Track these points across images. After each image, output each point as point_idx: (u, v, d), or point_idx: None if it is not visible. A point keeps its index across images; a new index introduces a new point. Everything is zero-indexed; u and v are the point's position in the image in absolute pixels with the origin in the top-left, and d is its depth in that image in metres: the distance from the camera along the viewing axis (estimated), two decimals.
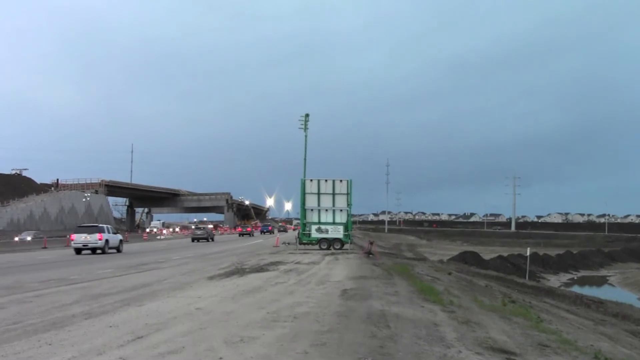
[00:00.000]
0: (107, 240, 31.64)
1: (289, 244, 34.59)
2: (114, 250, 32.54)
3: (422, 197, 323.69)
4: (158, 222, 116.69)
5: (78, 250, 31.00)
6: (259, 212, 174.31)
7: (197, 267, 21.26)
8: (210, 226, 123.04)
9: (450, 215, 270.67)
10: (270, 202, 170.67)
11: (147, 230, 73.50)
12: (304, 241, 33.17)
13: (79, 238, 31.19)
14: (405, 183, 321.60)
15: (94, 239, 31.08)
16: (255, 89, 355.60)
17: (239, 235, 75.00)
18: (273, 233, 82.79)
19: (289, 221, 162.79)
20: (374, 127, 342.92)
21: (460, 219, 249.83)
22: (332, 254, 28.13)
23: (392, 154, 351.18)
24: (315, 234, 32.77)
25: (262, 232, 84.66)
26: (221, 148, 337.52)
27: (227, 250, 36.89)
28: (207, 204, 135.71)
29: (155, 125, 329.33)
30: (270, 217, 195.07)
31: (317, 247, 32.85)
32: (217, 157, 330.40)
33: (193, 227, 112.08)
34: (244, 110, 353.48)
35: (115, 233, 34.53)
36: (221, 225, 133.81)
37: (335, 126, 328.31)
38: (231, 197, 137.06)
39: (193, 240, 55.37)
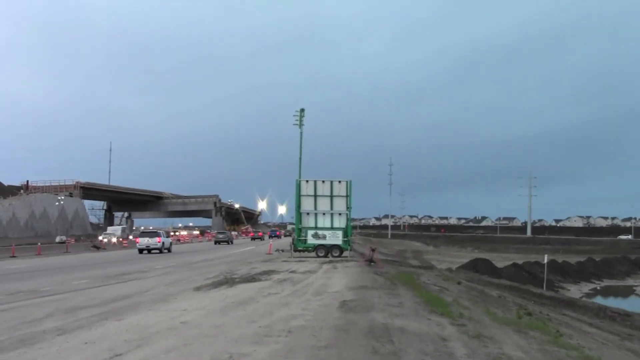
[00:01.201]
0: (163, 243, 43.43)
1: (282, 251, 34.57)
2: (167, 251, 43.93)
3: (429, 199, 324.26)
4: (119, 227, 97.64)
5: (141, 251, 42.53)
6: (250, 217, 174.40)
7: (182, 276, 21.22)
8: (196, 232, 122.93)
9: (459, 219, 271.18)
10: (262, 205, 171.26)
11: (101, 238, 69.97)
12: (300, 248, 33.14)
13: (143, 241, 43.01)
14: (410, 184, 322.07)
15: (154, 241, 43.00)
16: (246, 81, 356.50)
17: (251, 240, 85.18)
18: (263, 239, 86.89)
19: (282, 226, 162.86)
20: (375, 122, 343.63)
21: (471, 224, 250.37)
22: (330, 262, 28.11)
23: (396, 153, 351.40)
24: (311, 240, 32.74)
25: (270, 236, 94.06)
26: (209, 146, 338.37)
27: (216, 258, 36.82)
28: (194, 207, 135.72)
29: (136, 120, 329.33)
30: (262, 222, 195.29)
31: (313, 254, 32.81)
32: (204, 157, 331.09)
33: (176, 232, 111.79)
34: (234, 105, 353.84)
35: (167, 237, 47.21)
36: (209, 231, 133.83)
37: (333, 122, 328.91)
38: (219, 200, 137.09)
39: (216, 243, 68.16)
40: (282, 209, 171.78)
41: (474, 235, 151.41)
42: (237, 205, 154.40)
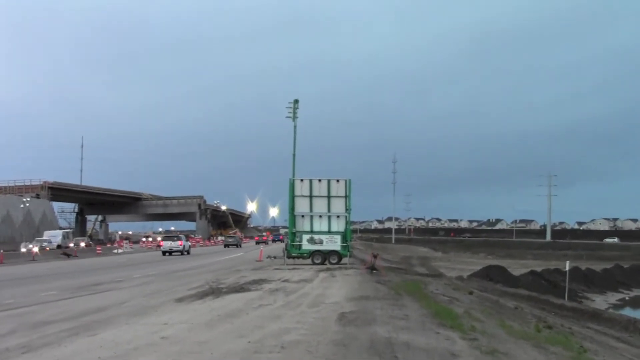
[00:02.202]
0: (184, 246, 56.24)
1: (274, 258, 34.59)
2: (187, 253, 55.91)
3: (437, 200, 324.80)
4: (58, 232, 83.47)
5: (164, 253, 54.82)
6: (239, 220, 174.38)
7: (163, 286, 21.21)
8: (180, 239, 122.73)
9: (471, 222, 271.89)
10: (252, 207, 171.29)
11: (25, 249, 57.40)
12: (294, 254, 33.14)
13: (167, 244, 56.27)
14: (416, 183, 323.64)
15: (176, 245, 55.73)
16: (233, 68, 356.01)
17: (256, 244, 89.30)
18: (267, 244, 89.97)
19: (274, 230, 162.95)
20: (378, 114, 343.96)
21: (484, 227, 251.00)
22: (328, 269, 28.13)
23: (401, 148, 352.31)
24: (306, 246, 32.74)
25: (273, 240, 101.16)
26: (192, 142, 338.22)
27: (200, 266, 36.81)
28: (176, 209, 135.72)
29: (111, 113, 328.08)
30: (251, 226, 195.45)
31: (308, 261, 32.81)
32: (187, 153, 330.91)
33: (159, 238, 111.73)
34: (220, 95, 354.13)
35: (186, 240, 61.55)
36: (192, 236, 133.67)
37: (331, 114, 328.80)
38: (204, 202, 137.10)
39: (226, 246, 78.58)
40: (274, 211, 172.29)
41: (488, 239, 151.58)
42: (224, 207, 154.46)
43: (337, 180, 33.03)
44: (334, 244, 32.68)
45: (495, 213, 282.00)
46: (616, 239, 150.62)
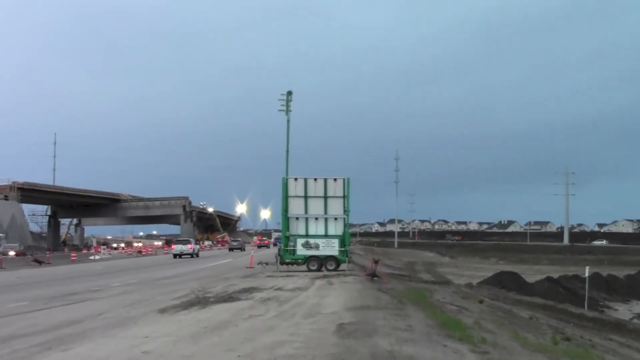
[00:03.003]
0: (194, 249, 65.17)
1: (266, 264, 34.55)
2: (195, 256, 64.00)
3: (443, 200, 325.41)
4: None
5: (175, 256, 62.93)
6: (227, 223, 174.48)
7: (144, 296, 21.19)
8: (157, 243, 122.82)
9: (481, 224, 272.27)
10: (241, 209, 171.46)
11: None
12: (287, 260, 33.15)
13: (178, 248, 64.58)
14: (421, 183, 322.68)
15: (187, 248, 63.98)
16: (222, 61, 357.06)
17: (258, 247, 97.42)
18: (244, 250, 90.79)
19: (266, 234, 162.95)
20: (379, 109, 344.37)
21: (495, 229, 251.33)
22: (325, 276, 28.14)
23: (403, 145, 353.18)
24: (301, 251, 32.75)
25: (275, 244, 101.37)
26: (177, 139, 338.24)
27: (184, 273, 36.79)
28: (158, 212, 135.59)
29: (88, 108, 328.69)
30: (241, 229, 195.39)
31: (303, 267, 32.82)
32: (172, 152, 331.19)
33: (136, 243, 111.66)
34: (207, 90, 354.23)
35: (196, 244, 71.61)
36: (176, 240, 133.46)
37: (327, 109, 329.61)
38: (190, 203, 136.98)
39: (230, 250, 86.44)
40: (265, 214, 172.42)
41: (499, 243, 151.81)
42: (210, 209, 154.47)
43: (335, 179, 33.02)
44: (331, 248, 32.68)
45: (508, 214, 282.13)
46: (604, 242, 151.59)
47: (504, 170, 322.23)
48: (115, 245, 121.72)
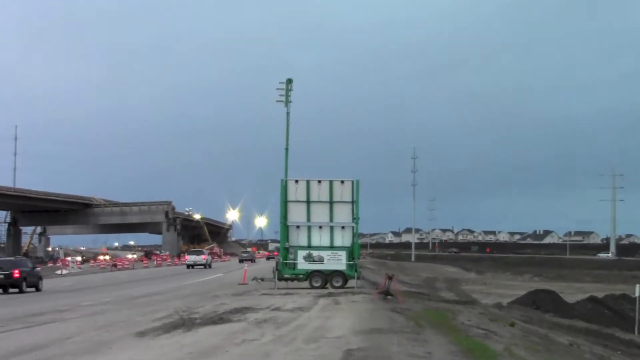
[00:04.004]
0: (207, 260, 76.68)
1: (262, 280, 34.49)
2: (208, 266, 74.80)
3: (469, 206, 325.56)
4: None
5: (188, 266, 73.95)
6: (217, 232, 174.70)
7: (120, 317, 21.19)
8: (131, 255, 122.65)
9: (512, 234, 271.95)
10: (233, 216, 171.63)
11: None
12: (286, 275, 33.11)
13: (191, 258, 76.34)
14: (443, 185, 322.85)
15: (200, 259, 75.81)
16: (209, 39, 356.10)
17: (267, 259, 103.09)
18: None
19: (262, 245, 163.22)
20: (393, 98, 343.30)
21: (529, 240, 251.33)
22: (330, 294, 28.10)
23: (422, 141, 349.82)
24: (303, 265, 32.70)
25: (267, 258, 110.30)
26: (158, 134, 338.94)
27: (166, 290, 36.80)
28: (136, 219, 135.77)
29: (53, 96, 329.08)
30: (233, 239, 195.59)
31: (306, 284, 32.79)
32: (151, 148, 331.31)
33: (104, 257, 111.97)
34: (192, 73, 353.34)
35: (209, 254, 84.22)
36: (158, 252, 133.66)
37: (332, 98, 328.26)
38: (173, 209, 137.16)
39: (241, 261, 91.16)
40: (261, 222, 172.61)
41: (534, 256, 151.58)
42: (197, 216, 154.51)
43: (342, 182, 32.98)
44: (337, 262, 32.63)
45: (544, 223, 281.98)
46: (610, 254, 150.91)
47: (539, 171, 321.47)
48: (83, 257, 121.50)
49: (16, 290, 37.08)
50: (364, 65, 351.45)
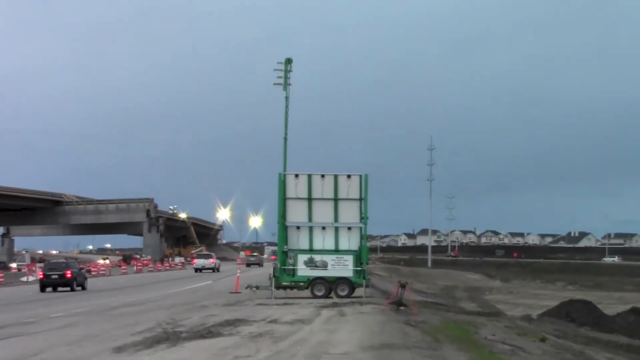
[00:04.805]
0: (215, 263, 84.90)
1: (257, 288, 34.51)
2: (217, 270, 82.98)
3: (493, 205, 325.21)
4: None
5: (197, 270, 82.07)
6: (206, 233, 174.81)
7: (94, 330, 21.20)
8: (103, 261, 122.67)
9: (543, 236, 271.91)
10: (224, 215, 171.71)
11: None
12: (285, 283, 33.16)
13: (199, 262, 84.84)
14: (463, 181, 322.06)
15: (208, 262, 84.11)
16: (199, 21, 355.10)
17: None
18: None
19: (257, 248, 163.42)
20: (405, 82, 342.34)
21: (562, 244, 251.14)
22: (335, 305, 28.12)
23: (439, 131, 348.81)
24: (304, 271, 32.73)
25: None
26: (137, 121, 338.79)
27: (148, 300, 36.84)
28: (113, 218, 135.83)
29: (20, 78, 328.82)
30: (223, 242, 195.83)
31: (306, 293, 32.85)
32: (130, 139, 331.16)
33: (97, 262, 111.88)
34: (180, 58, 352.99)
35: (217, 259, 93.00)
36: (137, 256, 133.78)
37: (338, 83, 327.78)
38: (155, 207, 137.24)
39: (248, 265, 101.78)
40: (256, 222, 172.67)
41: (568, 262, 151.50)
42: (183, 216, 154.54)
43: (348, 176, 33.00)
44: (343, 268, 32.66)
45: (579, 224, 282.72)
46: (615, 258, 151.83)
47: (573, 166, 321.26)
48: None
49: (67, 288, 47.59)
50: (372, 47, 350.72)
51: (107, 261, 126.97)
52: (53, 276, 47.81)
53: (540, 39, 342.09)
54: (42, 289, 47.68)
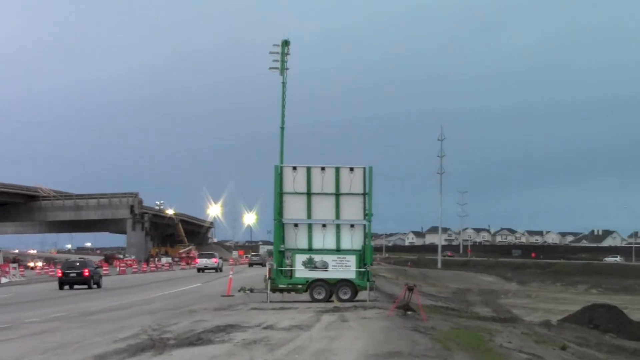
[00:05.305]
0: (218, 263, 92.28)
1: (251, 291, 34.56)
2: (220, 270, 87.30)
3: (509, 201, 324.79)
4: None
5: (199, 270, 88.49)
6: (195, 231, 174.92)
7: (73, 337, 21.20)
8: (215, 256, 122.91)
9: (563, 234, 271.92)
10: (215, 211, 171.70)
11: None
12: (282, 286, 33.19)
13: (202, 261, 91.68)
14: (476, 175, 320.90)
15: (211, 262, 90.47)
16: (187, 6, 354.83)
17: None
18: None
19: (252, 247, 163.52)
20: (414, 67, 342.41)
21: (584, 243, 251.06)
22: (336, 309, 28.16)
23: (450, 120, 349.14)
24: (302, 272, 32.76)
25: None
26: (121, 111, 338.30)
27: (131, 304, 36.84)
28: (94, 214, 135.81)
29: None
30: (214, 240, 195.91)
31: (306, 296, 32.91)
32: (114, 129, 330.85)
33: (36, 263, 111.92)
34: (165, 38, 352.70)
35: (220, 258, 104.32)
36: (120, 256, 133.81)
37: (340, 68, 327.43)
38: (140, 203, 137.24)
39: (250, 265, 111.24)
40: (250, 219, 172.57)
41: (590, 263, 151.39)
42: (170, 212, 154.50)
43: (351, 169, 33.00)
44: (345, 269, 32.70)
45: (603, 222, 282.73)
46: (618, 258, 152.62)
47: (597, 157, 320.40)
48: (16, 259, 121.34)
49: (85, 286, 52.44)
50: (377, 29, 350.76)
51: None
52: (71, 274, 53.04)
53: (564, 17, 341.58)
54: (60, 286, 52.55)
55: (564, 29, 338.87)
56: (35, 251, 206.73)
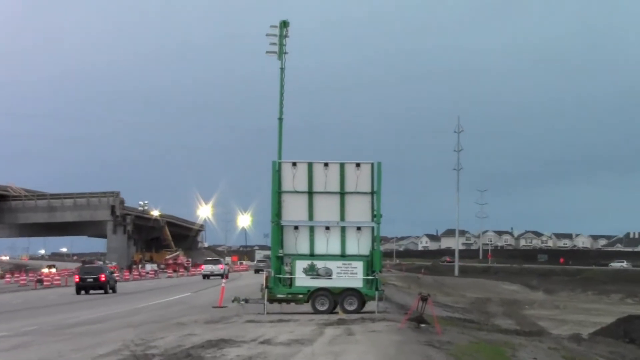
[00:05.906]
0: (224, 269, 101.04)
1: (246, 301, 34.58)
2: (226, 277, 79.56)
3: (534, 201, 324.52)
4: None
5: (205, 276, 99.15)
6: (184, 235, 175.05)
7: (47, 353, 21.28)
8: (48, 270, 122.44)
9: (595, 238, 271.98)
10: (206, 213, 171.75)
11: None
12: (280, 295, 33.22)
13: (207, 268, 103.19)
14: (498, 172, 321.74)
15: (217, 268, 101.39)
16: None
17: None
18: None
19: (246, 252, 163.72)
20: (426, 54, 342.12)
21: (619, 247, 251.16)
22: (341, 322, 28.18)
23: (468, 112, 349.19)
24: (303, 281, 32.76)
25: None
26: (104, 106, 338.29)
27: (112, 316, 36.93)
28: (70, 216, 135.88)
29: None
30: (205, 245, 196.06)
31: (307, 307, 32.91)
32: (95, 125, 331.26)
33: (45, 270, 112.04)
34: (152, 22, 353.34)
35: (226, 264, 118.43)
36: (99, 263, 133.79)
37: (345, 55, 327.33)
38: (122, 203, 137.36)
39: (256, 271, 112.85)
40: (244, 221, 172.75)
41: (626, 269, 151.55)
42: (155, 213, 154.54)
43: (357, 165, 33.00)
44: (351, 277, 32.71)
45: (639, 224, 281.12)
46: (624, 263, 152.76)
47: (631, 153, 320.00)
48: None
49: (101, 291, 59.56)
50: (386, 13, 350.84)
51: (54, 270, 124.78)
52: (89, 279, 60.54)
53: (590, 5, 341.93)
54: (78, 291, 60.06)
55: (595, 10, 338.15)
56: (7, 257, 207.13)
